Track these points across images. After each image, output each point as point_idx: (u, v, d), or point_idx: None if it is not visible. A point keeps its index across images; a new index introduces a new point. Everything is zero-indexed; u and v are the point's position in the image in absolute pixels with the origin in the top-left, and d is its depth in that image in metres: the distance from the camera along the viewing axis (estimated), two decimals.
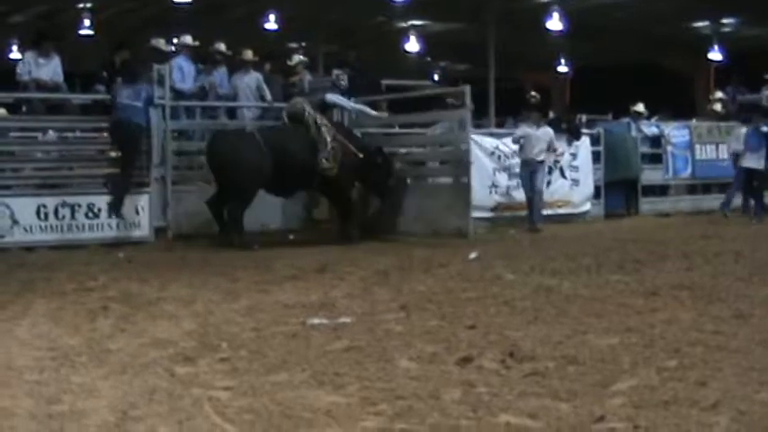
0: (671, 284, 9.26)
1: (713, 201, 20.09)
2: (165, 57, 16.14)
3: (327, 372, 5.95)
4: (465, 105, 15.50)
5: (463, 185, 15.10)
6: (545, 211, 16.89)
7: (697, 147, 20.16)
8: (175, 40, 16.98)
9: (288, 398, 5.36)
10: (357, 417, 5.03)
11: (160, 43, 16.53)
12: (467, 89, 15.42)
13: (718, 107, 22.32)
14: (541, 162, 16.60)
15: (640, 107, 20.35)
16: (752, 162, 18.29)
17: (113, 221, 14.51)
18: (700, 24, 31.15)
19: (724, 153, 20.23)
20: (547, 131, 16.88)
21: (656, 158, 20.09)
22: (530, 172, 16.39)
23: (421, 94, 20.09)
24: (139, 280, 10.51)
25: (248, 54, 17.22)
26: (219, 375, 5.97)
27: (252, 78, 16.96)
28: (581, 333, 6.98)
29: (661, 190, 20.39)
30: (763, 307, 7.96)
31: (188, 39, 16.64)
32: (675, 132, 20.06)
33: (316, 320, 7.74)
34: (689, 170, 20.18)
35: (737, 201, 18.86)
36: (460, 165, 15.31)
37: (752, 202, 18.69)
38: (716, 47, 31.94)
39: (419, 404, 5.19)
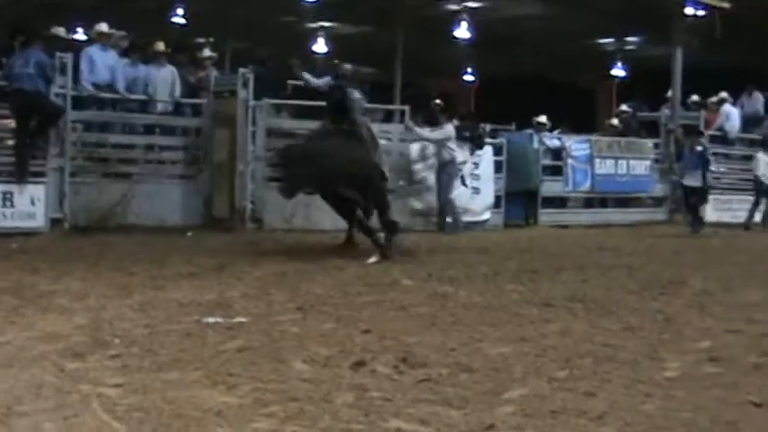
0: (565, 296, 9.39)
1: (610, 214, 20.49)
2: (66, 45, 15.85)
3: (220, 371, 5.91)
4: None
5: None
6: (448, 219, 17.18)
7: (597, 161, 20.45)
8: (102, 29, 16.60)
9: (179, 397, 5.31)
10: (248, 418, 5.01)
11: (60, 31, 16.25)
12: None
13: (615, 122, 22.69)
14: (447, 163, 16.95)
15: (543, 119, 20.60)
16: (690, 180, 18.68)
17: (7, 211, 14.24)
18: (604, 41, 31.69)
19: (623, 168, 20.58)
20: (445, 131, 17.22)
21: (556, 170, 20.33)
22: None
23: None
24: (32, 271, 10.34)
25: (160, 46, 17.03)
26: (110, 372, 5.90)
27: (167, 72, 16.78)
28: (475, 341, 7.03)
29: (560, 202, 20.65)
30: (653, 321, 8.13)
31: (103, 26, 16.34)
32: (576, 146, 20.34)
33: (211, 319, 7.68)
34: (588, 183, 20.46)
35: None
36: None
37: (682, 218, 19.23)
38: (619, 64, 32.56)
39: (311, 407, 5.19)
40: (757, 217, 20.53)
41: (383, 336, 7.12)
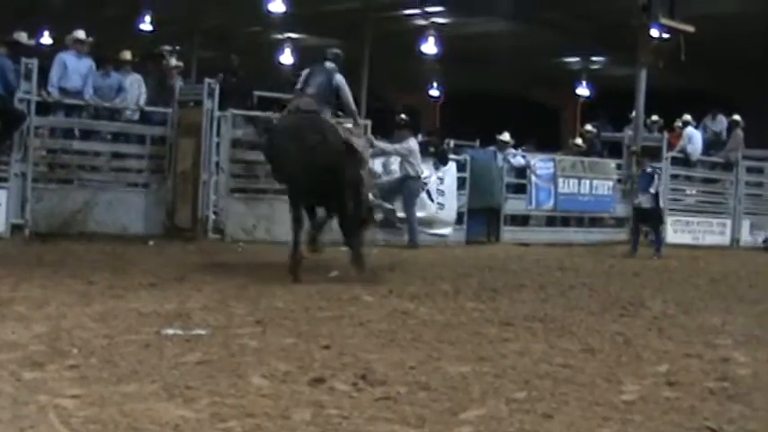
0: (525, 315, 9.42)
1: (572, 234, 20.59)
2: (28, 51, 15.75)
3: (179, 384, 5.88)
4: None
5: None
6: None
7: (560, 180, 20.54)
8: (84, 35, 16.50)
9: (136, 409, 5.27)
10: None
11: (22, 37, 16.15)
12: None
13: (579, 141, 22.85)
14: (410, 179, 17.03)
15: (506, 136, 20.68)
16: (642, 201, 18.84)
17: None
18: (570, 60, 31.94)
19: (586, 187, 20.69)
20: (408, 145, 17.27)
21: (519, 188, 20.41)
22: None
23: None
24: None
25: (126, 55, 17.00)
26: (68, 383, 5.85)
27: (134, 79, 16.74)
28: (434, 359, 7.03)
29: (523, 220, 20.72)
30: (612, 342, 8.15)
31: (80, 33, 16.25)
32: (540, 164, 20.43)
33: (170, 331, 7.64)
34: (551, 202, 20.55)
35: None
36: None
37: (643, 238, 19.24)
38: (584, 83, 32.82)
39: (268, 423, 5.17)
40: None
41: (342, 352, 7.10)
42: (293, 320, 8.51)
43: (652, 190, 18.69)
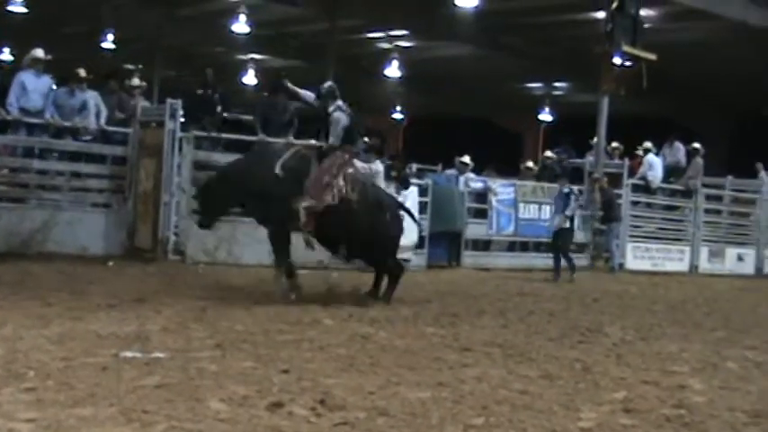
0: (484, 341, 9.44)
1: (532, 259, 20.66)
2: None
3: (136, 408, 5.84)
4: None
5: None
6: None
7: (521, 205, 20.63)
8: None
9: None
10: None
11: None
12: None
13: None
14: None
15: (466, 159, 20.78)
16: (558, 222, 18.84)
17: None
18: (533, 85, 32.16)
19: (546, 213, 20.75)
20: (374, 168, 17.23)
21: (481, 213, 20.47)
22: None
23: None
24: None
25: (82, 72, 16.89)
26: (23, 406, 5.79)
27: (91, 96, 16.65)
28: (393, 384, 7.03)
29: (484, 245, 20.76)
30: (570, 369, 8.19)
31: (38, 52, 16.15)
32: (501, 189, 20.51)
33: (128, 353, 7.59)
34: (512, 227, 20.62)
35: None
36: None
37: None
38: (547, 108, 33.04)
39: None
40: None
41: (301, 376, 7.09)
42: (252, 344, 8.49)
43: (568, 212, 18.63)
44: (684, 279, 20.85)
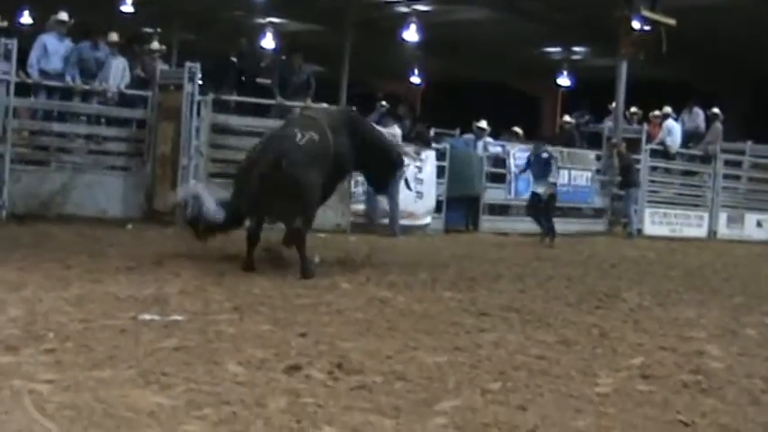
0: (502, 305, 9.44)
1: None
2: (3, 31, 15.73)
3: (154, 371, 5.87)
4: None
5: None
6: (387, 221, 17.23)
7: None
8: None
9: (111, 396, 5.26)
10: (180, 420, 4.98)
11: None
12: None
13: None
14: None
15: (483, 123, 20.72)
16: (537, 187, 18.28)
17: None
18: (551, 50, 31.96)
19: (565, 178, 20.65)
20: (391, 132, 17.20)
21: (499, 178, 20.42)
22: None
23: None
24: None
25: (114, 36, 16.93)
26: (43, 368, 5.82)
27: (119, 62, 16.70)
28: (411, 349, 7.04)
29: (501, 209, 20.73)
30: (588, 335, 8.18)
31: (63, 15, 16.16)
32: (520, 154, 20.43)
33: (147, 316, 7.63)
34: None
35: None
36: None
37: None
38: (565, 73, 32.85)
39: (244, 411, 5.17)
40: None
41: (319, 340, 7.11)
42: (270, 307, 8.52)
43: (551, 179, 18.19)
44: (703, 245, 20.80)
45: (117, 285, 9.18)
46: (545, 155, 18.38)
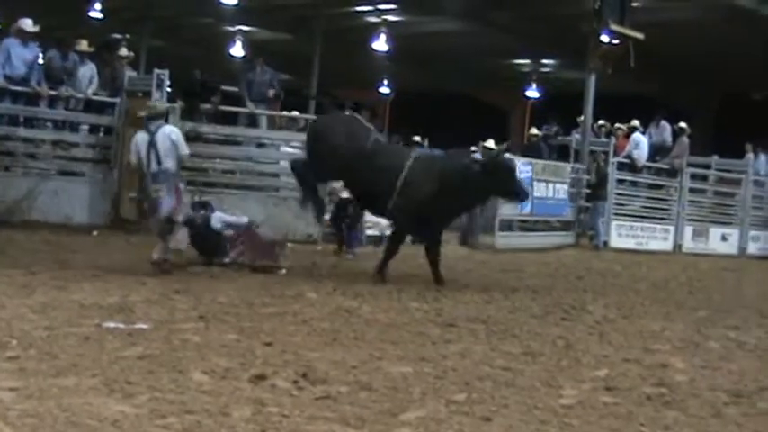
0: (468, 316, 9.46)
1: (517, 238, 20.51)
2: None
3: (118, 379, 5.85)
4: None
5: None
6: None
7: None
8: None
9: (75, 404, 5.24)
10: (144, 429, 4.98)
11: None
12: None
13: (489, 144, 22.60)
14: None
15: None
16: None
17: None
18: (520, 62, 32.08)
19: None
20: None
21: None
22: None
23: None
24: None
25: (84, 45, 16.84)
26: (5, 375, 5.80)
27: (88, 69, 16.60)
28: (376, 359, 7.05)
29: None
30: (553, 346, 8.21)
31: (25, 24, 15.97)
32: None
33: (111, 324, 7.60)
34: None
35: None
36: None
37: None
38: (534, 85, 32.98)
39: (208, 420, 5.16)
40: None
41: (284, 349, 7.11)
42: (236, 316, 8.51)
43: None
44: (668, 258, 20.87)
45: (81, 293, 9.14)
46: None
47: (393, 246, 12.47)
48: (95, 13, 26.45)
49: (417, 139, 20.56)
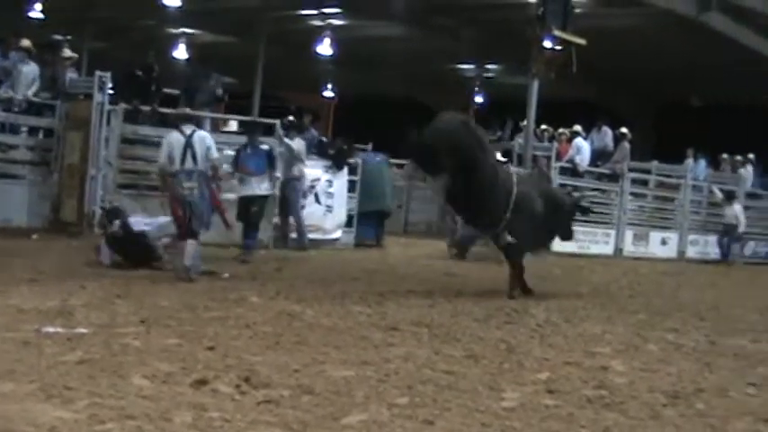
0: (411, 320, 9.47)
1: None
2: None
3: (57, 384, 5.79)
4: None
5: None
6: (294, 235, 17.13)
7: None
8: None
9: (11, 410, 5.17)
10: None
11: None
12: None
13: None
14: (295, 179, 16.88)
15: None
16: (251, 188, 15.00)
17: None
18: (465, 67, 32.21)
19: None
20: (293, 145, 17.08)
21: None
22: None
23: None
24: None
25: (26, 42, 16.67)
26: None
27: (31, 70, 16.42)
28: (319, 363, 7.04)
29: None
30: (495, 349, 8.25)
31: None
32: None
33: (50, 329, 7.51)
34: None
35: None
36: None
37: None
38: (477, 90, 33.13)
39: (149, 426, 5.12)
40: None
41: (227, 354, 7.07)
42: (178, 320, 8.45)
43: (278, 174, 15.74)
44: (609, 262, 21.05)
45: (20, 297, 9.04)
46: (266, 147, 15.48)
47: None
48: (35, 13, 26.18)
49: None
